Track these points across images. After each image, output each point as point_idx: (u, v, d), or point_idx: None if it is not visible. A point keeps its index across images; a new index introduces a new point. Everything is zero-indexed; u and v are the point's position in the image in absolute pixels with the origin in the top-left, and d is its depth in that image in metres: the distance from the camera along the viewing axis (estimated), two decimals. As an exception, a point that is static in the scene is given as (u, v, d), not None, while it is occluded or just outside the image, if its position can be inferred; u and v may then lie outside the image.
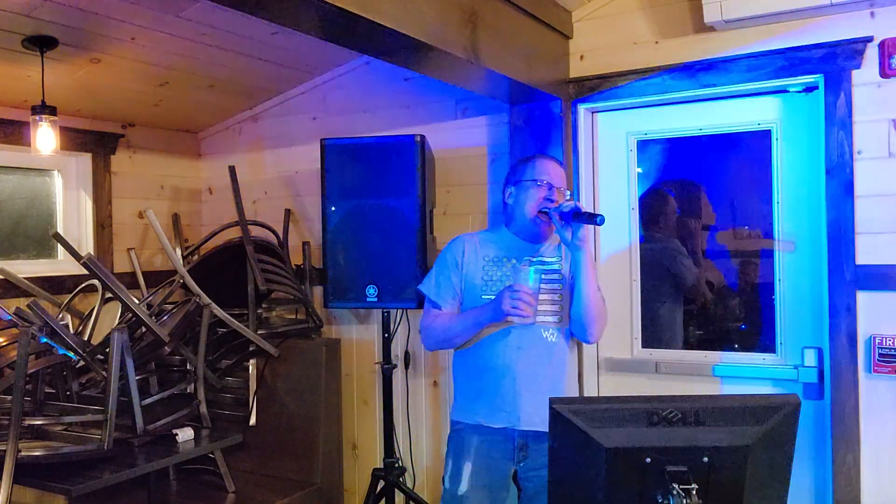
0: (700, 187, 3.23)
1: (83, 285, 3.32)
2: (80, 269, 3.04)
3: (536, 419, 2.33)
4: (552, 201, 2.34)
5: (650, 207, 3.21)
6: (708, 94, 2.92)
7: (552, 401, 1.56)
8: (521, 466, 2.39)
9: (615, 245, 3.20)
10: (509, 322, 2.30)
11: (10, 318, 2.92)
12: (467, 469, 2.39)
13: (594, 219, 2.18)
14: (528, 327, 2.32)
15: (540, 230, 2.40)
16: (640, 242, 3.19)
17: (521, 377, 2.34)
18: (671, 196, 3.24)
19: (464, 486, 2.38)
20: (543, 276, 2.31)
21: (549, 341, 2.37)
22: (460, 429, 2.46)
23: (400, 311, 3.46)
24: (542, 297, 2.31)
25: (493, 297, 2.33)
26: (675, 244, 3.20)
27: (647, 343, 3.17)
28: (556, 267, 2.41)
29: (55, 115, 2.97)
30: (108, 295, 3.16)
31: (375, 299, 3.16)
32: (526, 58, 2.83)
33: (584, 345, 3.15)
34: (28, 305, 2.88)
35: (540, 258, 2.40)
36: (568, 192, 2.41)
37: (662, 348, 3.16)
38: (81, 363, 2.91)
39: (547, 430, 2.30)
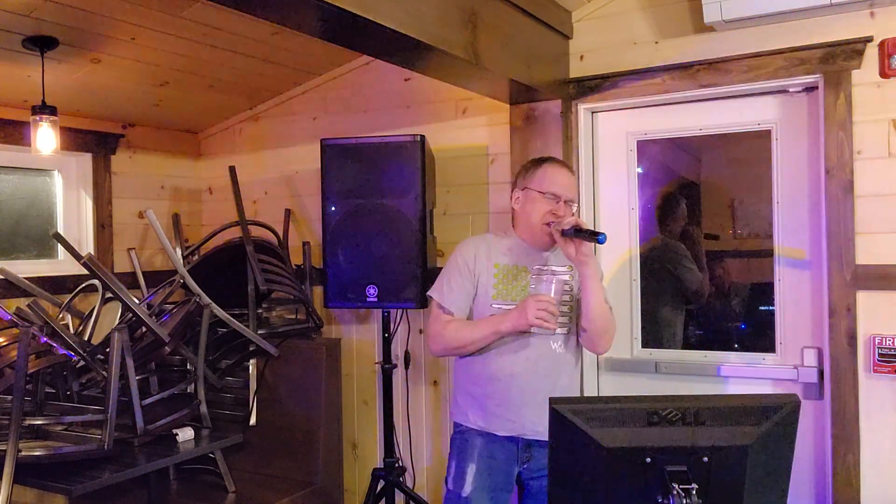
0: (699, 187, 3.23)
1: (83, 285, 3.32)
2: (80, 269, 3.03)
3: (541, 429, 2.30)
4: (556, 215, 2.31)
5: (652, 209, 3.21)
6: (708, 94, 2.92)
7: (552, 401, 1.56)
8: (525, 467, 2.39)
9: (615, 245, 3.19)
10: (529, 332, 2.29)
11: (10, 317, 2.92)
12: (471, 471, 2.38)
13: (595, 237, 2.18)
14: (539, 338, 2.32)
15: (546, 240, 2.37)
16: (641, 243, 3.19)
17: (528, 388, 2.33)
18: (674, 197, 3.24)
19: (468, 488, 2.37)
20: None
21: (557, 352, 2.35)
22: (463, 430, 2.45)
23: (400, 311, 3.46)
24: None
25: (503, 306, 2.33)
26: (680, 248, 3.19)
27: (647, 343, 3.17)
28: (567, 277, 2.38)
29: (55, 115, 2.97)
30: (109, 295, 3.16)
31: (375, 299, 3.16)
32: (526, 58, 2.83)
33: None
34: (28, 305, 2.89)
35: (551, 267, 2.37)
36: (574, 206, 2.38)
37: (662, 348, 3.16)
38: (81, 363, 2.91)
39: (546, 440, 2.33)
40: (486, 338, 2.33)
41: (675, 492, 1.45)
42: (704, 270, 3.18)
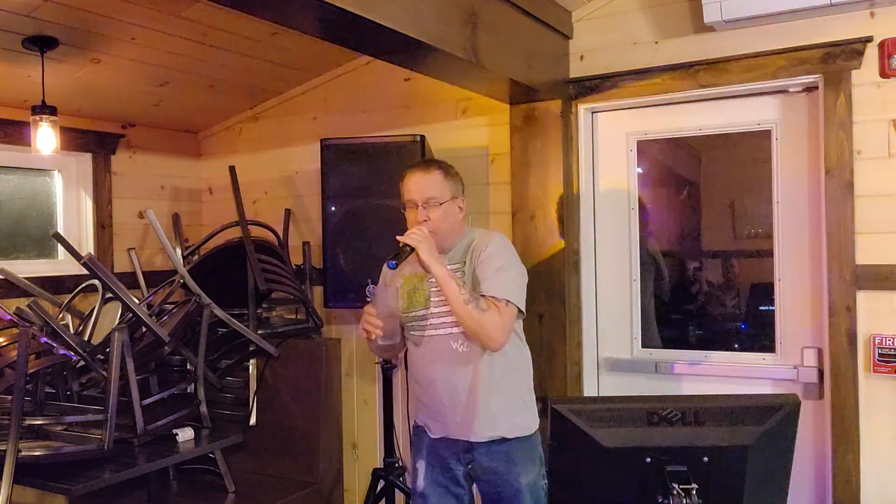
0: (700, 187, 3.23)
1: (83, 285, 3.32)
2: (80, 269, 3.03)
3: (467, 430, 2.32)
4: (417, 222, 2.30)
5: (646, 207, 3.21)
6: (708, 94, 2.92)
7: (552, 401, 1.56)
8: (470, 468, 2.37)
9: (615, 245, 3.20)
10: (428, 335, 2.35)
11: (10, 317, 2.92)
12: (422, 467, 2.43)
13: (388, 262, 2.22)
14: (438, 340, 2.33)
15: None
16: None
17: (446, 391, 2.33)
18: (669, 194, 3.25)
19: (421, 483, 2.42)
20: (437, 289, 2.27)
21: (459, 352, 2.31)
22: (416, 427, 2.51)
23: (400, 311, 3.46)
24: (448, 308, 2.26)
25: (410, 314, 2.39)
26: (652, 242, 3.21)
27: (646, 343, 3.17)
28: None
29: (55, 115, 2.97)
30: (109, 295, 3.16)
31: (375, 299, 3.16)
32: (526, 58, 2.83)
33: (586, 344, 3.16)
34: (28, 305, 2.89)
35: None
36: (439, 202, 2.31)
37: (662, 348, 3.16)
38: (81, 363, 2.91)
39: (481, 440, 2.29)
40: (370, 346, 2.46)
41: (675, 492, 1.45)
42: (702, 270, 3.20)
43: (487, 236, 2.40)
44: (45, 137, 2.96)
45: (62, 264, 3.59)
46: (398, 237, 2.24)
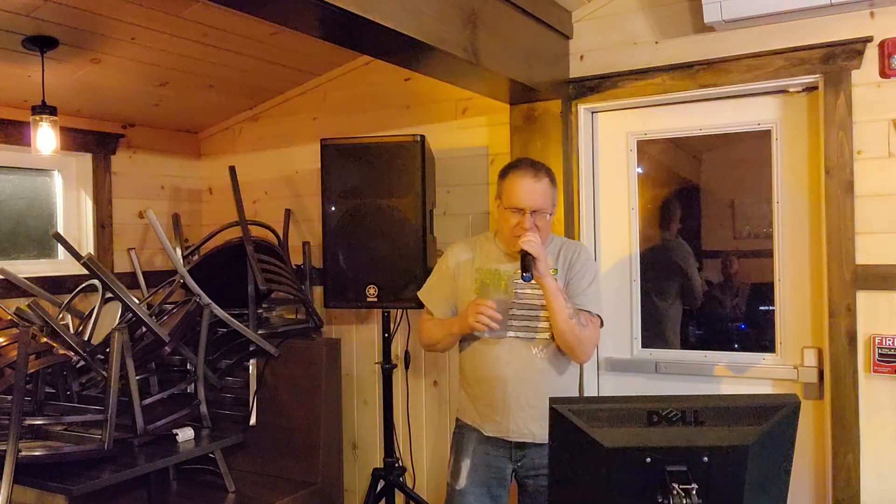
0: (699, 187, 3.23)
1: (83, 285, 3.32)
2: (80, 269, 3.04)
3: (527, 432, 2.36)
4: (522, 228, 2.30)
5: (653, 208, 3.21)
6: (708, 94, 2.92)
7: (552, 401, 1.56)
8: (520, 466, 2.41)
9: (615, 245, 3.20)
10: (507, 336, 2.35)
11: (10, 318, 2.92)
12: (465, 466, 2.44)
13: (523, 273, 2.22)
14: (519, 344, 2.34)
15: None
16: (645, 242, 3.19)
17: (511, 392, 2.35)
18: (674, 198, 3.24)
19: (462, 482, 2.43)
20: (522, 291, 2.32)
21: (537, 357, 2.36)
22: (461, 426, 2.51)
23: (400, 311, 3.46)
24: (533, 313, 2.33)
25: None
26: (687, 247, 3.20)
27: (647, 343, 3.17)
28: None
29: (55, 115, 2.98)
30: (109, 295, 3.16)
31: (375, 299, 3.16)
32: (526, 58, 2.83)
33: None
34: (28, 305, 2.89)
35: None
36: (545, 214, 2.33)
37: (662, 348, 3.16)
38: (81, 363, 2.91)
39: (539, 442, 2.32)
40: (445, 338, 2.45)
41: (675, 492, 1.45)
42: (702, 271, 3.19)
43: (575, 246, 2.48)
44: (45, 137, 2.96)
45: (62, 264, 3.59)
46: (521, 243, 2.25)
